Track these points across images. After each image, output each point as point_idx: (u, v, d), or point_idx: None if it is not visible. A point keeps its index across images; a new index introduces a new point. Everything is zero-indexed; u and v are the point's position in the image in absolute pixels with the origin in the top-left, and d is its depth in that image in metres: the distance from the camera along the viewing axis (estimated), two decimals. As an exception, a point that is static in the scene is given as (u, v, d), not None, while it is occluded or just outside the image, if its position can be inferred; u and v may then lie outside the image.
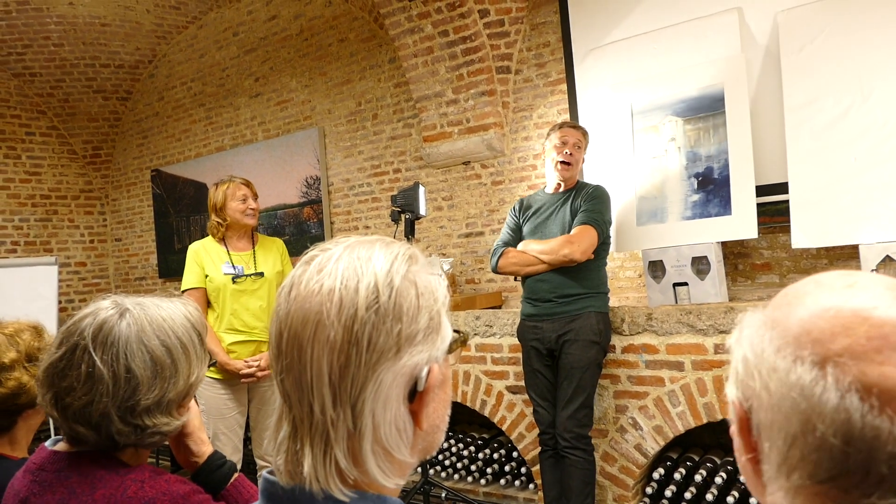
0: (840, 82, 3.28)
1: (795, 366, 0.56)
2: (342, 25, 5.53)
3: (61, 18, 6.23)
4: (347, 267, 0.74)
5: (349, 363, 0.70)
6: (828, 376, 0.54)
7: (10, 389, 1.51)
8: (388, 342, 0.71)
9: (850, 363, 0.53)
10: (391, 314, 0.72)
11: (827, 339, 0.55)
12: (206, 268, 3.29)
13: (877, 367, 0.53)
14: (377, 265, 0.74)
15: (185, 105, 6.88)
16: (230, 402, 3.28)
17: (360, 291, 0.71)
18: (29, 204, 7.15)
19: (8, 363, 1.52)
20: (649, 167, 3.81)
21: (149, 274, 7.37)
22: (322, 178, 5.68)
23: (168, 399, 1.20)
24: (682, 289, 3.51)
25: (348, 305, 0.71)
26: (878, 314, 0.55)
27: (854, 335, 0.55)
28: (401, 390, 0.73)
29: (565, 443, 3.07)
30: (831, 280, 0.62)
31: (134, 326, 1.18)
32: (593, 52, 4.20)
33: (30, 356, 1.57)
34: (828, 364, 0.54)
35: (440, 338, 0.76)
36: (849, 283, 0.60)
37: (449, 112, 4.67)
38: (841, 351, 0.54)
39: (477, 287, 4.87)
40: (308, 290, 0.73)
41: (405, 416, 0.74)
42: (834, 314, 0.57)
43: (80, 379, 1.14)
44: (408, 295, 0.73)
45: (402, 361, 0.72)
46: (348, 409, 0.71)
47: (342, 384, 0.70)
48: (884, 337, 0.54)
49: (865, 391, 0.52)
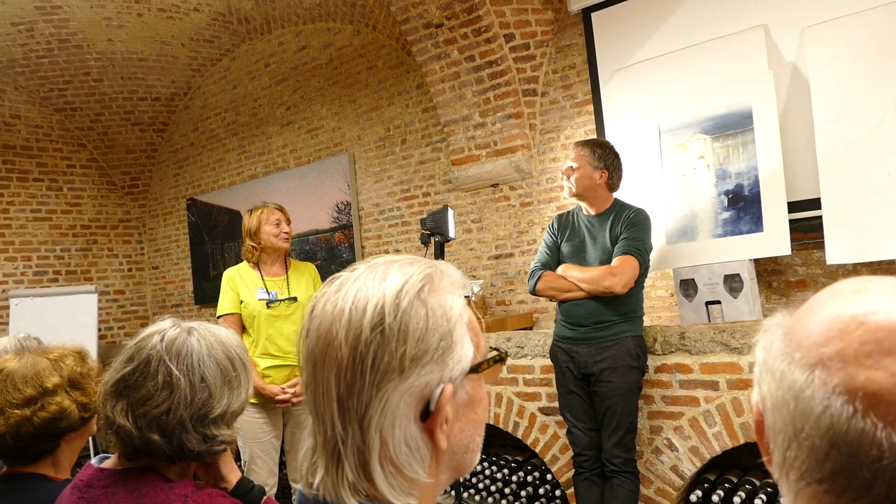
0: (870, 96, 3.25)
1: (791, 368, 0.57)
2: (370, 53, 5.63)
3: (101, 54, 6.45)
4: (361, 288, 0.76)
5: (355, 382, 0.72)
6: (815, 379, 0.55)
7: (52, 413, 1.54)
8: (392, 363, 0.72)
9: (838, 366, 0.54)
10: (396, 335, 0.73)
11: (822, 343, 0.56)
12: (240, 293, 3.35)
13: (864, 372, 0.53)
14: (388, 286, 0.75)
15: (218, 135, 7.04)
16: (266, 426, 3.32)
17: (367, 312, 0.73)
18: (70, 234, 7.36)
19: (51, 388, 1.56)
20: (678, 185, 3.80)
21: (185, 301, 7.50)
22: (353, 203, 5.76)
23: (232, 410, 1.29)
24: (714, 307, 3.47)
25: (355, 326, 0.73)
26: (875, 319, 0.55)
27: (847, 339, 0.55)
28: (410, 409, 0.73)
29: (614, 467, 3.05)
30: (844, 286, 0.62)
31: (203, 341, 1.27)
32: (619, 73, 4.22)
33: (72, 381, 1.60)
34: (817, 367, 0.55)
35: (454, 358, 0.76)
36: (858, 289, 0.60)
37: (476, 135, 4.71)
38: (832, 354, 0.55)
39: (508, 308, 4.87)
40: (325, 310, 0.76)
41: (417, 435, 0.74)
42: (833, 319, 0.58)
43: (157, 387, 1.21)
44: (416, 316, 0.74)
45: (409, 382, 0.73)
46: (356, 426, 0.73)
47: (349, 402, 0.73)
48: (877, 342, 0.54)
49: (851, 394, 0.53)
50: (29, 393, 1.54)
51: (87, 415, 1.61)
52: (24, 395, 1.53)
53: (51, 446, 1.60)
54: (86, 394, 1.61)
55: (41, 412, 1.53)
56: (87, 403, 1.60)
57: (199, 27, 6.28)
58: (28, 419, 1.52)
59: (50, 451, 1.61)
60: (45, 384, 1.56)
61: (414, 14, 4.53)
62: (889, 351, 0.53)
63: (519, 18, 4.46)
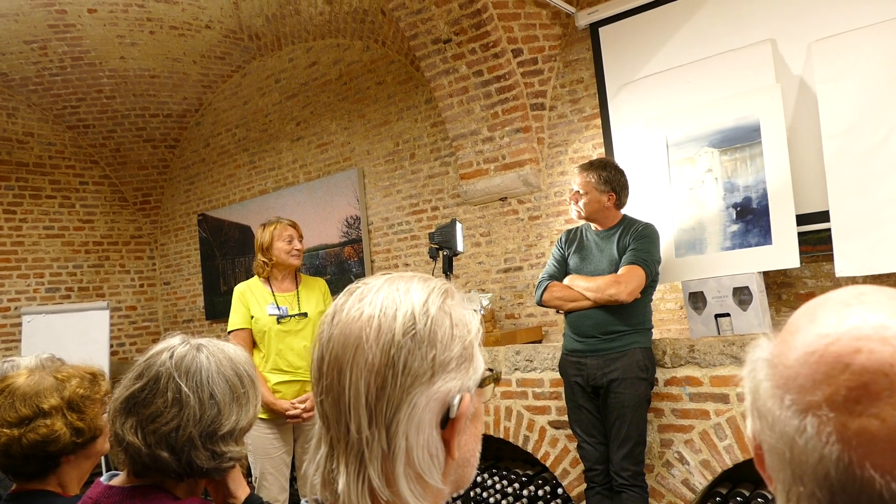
0: (878, 109, 3.26)
1: (782, 412, 0.56)
2: (379, 69, 5.68)
3: (113, 72, 6.53)
4: (387, 297, 0.79)
5: (385, 385, 0.74)
6: (808, 427, 0.53)
7: (41, 436, 1.50)
8: (423, 366, 0.75)
9: (830, 415, 0.52)
10: (426, 340, 0.76)
11: (809, 388, 0.54)
12: (251, 308, 3.37)
13: (855, 420, 0.51)
14: (415, 296, 0.79)
15: (229, 151, 7.10)
16: (276, 442, 3.33)
17: (398, 318, 0.76)
18: (82, 251, 7.42)
19: (47, 409, 1.52)
20: (686, 198, 3.80)
21: (196, 316, 7.54)
22: (362, 218, 5.79)
23: (241, 427, 1.29)
24: (724, 320, 3.47)
25: (386, 331, 0.76)
26: (859, 360, 0.53)
27: (834, 384, 0.53)
28: (433, 415, 0.76)
29: (623, 480, 3.04)
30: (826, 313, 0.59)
31: (212, 358, 1.28)
32: (626, 87, 4.24)
33: (72, 403, 1.56)
34: (809, 414, 0.53)
35: (472, 368, 0.79)
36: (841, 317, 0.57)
37: (485, 149, 4.74)
38: (821, 402, 0.53)
39: (517, 322, 4.87)
40: (349, 316, 0.78)
41: (437, 442, 0.77)
42: (817, 360, 0.55)
43: (167, 404, 1.22)
44: (442, 324, 0.78)
45: (436, 387, 0.76)
46: (383, 430, 0.74)
47: (378, 405, 0.74)
48: (864, 386, 0.52)
49: (845, 444, 0.51)
50: (24, 412, 1.51)
51: (81, 440, 1.56)
52: (18, 415, 1.51)
53: (45, 467, 1.56)
54: (83, 418, 1.56)
55: (30, 434, 1.50)
56: (83, 428, 1.55)
57: (211, 44, 6.35)
58: (17, 440, 1.49)
59: (51, 469, 1.58)
60: (42, 405, 1.52)
61: (422, 30, 4.58)
62: (877, 395, 0.51)
63: (527, 33, 4.50)
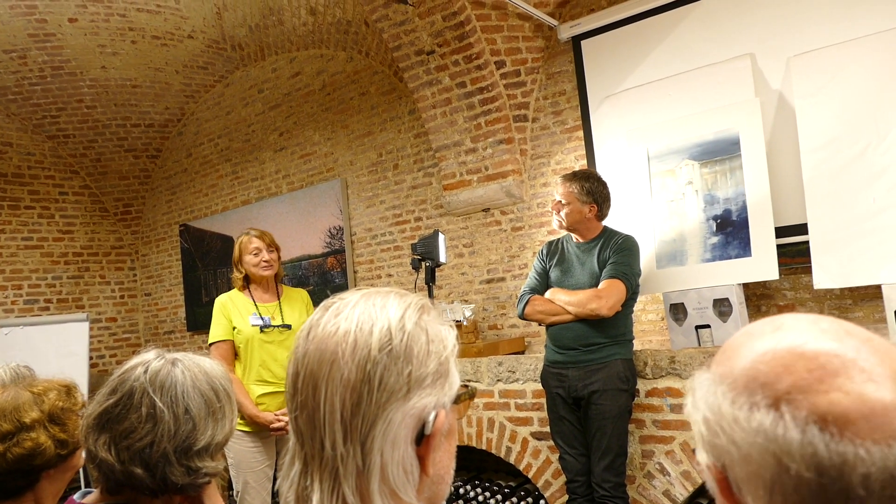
0: (855, 124, 3.31)
1: (753, 412, 0.58)
2: (363, 80, 5.69)
3: (94, 81, 6.48)
4: (363, 312, 0.79)
5: (361, 401, 0.74)
6: (784, 415, 0.56)
7: (26, 450, 1.50)
8: (399, 382, 0.75)
9: (800, 398, 0.56)
10: (402, 356, 0.76)
11: (773, 381, 0.58)
12: (233, 320, 3.35)
13: (824, 397, 0.55)
14: (391, 311, 0.79)
15: (212, 161, 7.07)
16: (259, 455, 3.30)
17: (373, 334, 0.76)
18: (62, 262, 7.33)
19: (28, 423, 1.51)
20: (667, 211, 3.84)
21: (177, 328, 7.47)
22: (345, 228, 5.78)
23: (217, 441, 1.27)
24: (704, 331, 3.50)
25: (362, 346, 0.76)
26: (810, 348, 0.59)
27: (795, 371, 0.58)
28: (409, 432, 0.76)
29: (604, 492, 3.04)
30: (760, 328, 0.65)
31: (188, 373, 1.27)
32: (608, 100, 4.27)
33: (53, 416, 1.55)
34: (781, 403, 0.57)
35: (448, 384, 0.80)
36: (776, 327, 0.63)
37: (468, 161, 4.76)
38: (789, 388, 0.57)
39: (500, 333, 4.88)
40: (325, 332, 0.78)
41: (412, 459, 0.77)
42: (772, 356, 0.60)
43: (141, 420, 1.20)
44: (418, 340, 0.78)
45: (412, 402, 0.75)
46: (358, 447, 0.74)
47: (353, 421, 0.74)
48: (821, 367, 0.57)
49: (822, 421, 0.55)
50: (5, 428, 1.50)
51: (65, 451, 1.56)
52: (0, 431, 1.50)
53: (27, 482, 1.55)
54: (66, 430, 1.56)
55: (15, 448, 1.49)
56: (66, 440, 1.55)
57: (193, 54, 6.33)
58: (2, 455, 1.48)
59: (30, 486, 1.56)
60: (24, 419, 1.51)
61: (406, 41, 4.59)
62: (835, 373, 0.56)
63: (510, 46, 4.53)
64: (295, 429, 0.79)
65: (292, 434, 0.80)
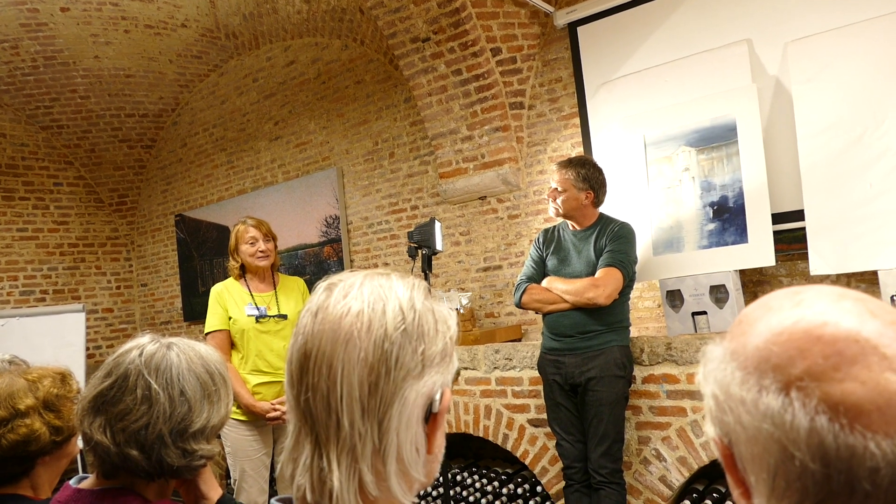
0: (852, 109, 3.30)
1: (762, 395, 0.56)
2: (358, 68, 5.66)
3: (87, 71, 6.44)
4: (372, 292, 0.79)
5: (379, 380, 0.75)
6: (794, 402, 0.54)
7: (21, 436, 1.51)
8: (414, 360, 0.76)
9: (812, 385, 0.54)
10: (415, 334, 0.77)
11: (786, 364, 0.56)
12: (229, 309, 3.34)
13: (838, 385, 0.53)
14: (399, 291, 0.80)
15: (207, 150, 7.04)
16: (256, 444, 3.30)
17: (387, 313, 0.77)
18: (57, 253, 7.31)
19: (23, 409, 1.52)
20: (664, 197, 3.83)
21: (174, 318, 7.47)
22: (341, 217, 5.76)
23: (212, 424, 1.27)
24: (701, 318, 3.50)
25: (377, 326, 0.76)
26: (828, 331, 0.55)
27: (810, 356, 0.55)
28: (420, 410, 0.77)
29: (601, 478, 3.05)
30: (779, 301, 0.62)
31: (183, 356, 1.27)
32: (605, 86, 4.26)
33: (47, 403, 1.56)
34: (791, 389, 0.54)
35: (452, 364, 0.81)
36: (796, 302, 0.60)
37: (464, 148, 4.74)
38: (801, 374, 0.54)
39: (496, 321, 4.88)
40: (336, 312, 0.78)
41: (422, 437, 0.78)
42: (787, 338, 0.57)
43: (136, 402, 1.20)
44: (428, 319, 0.79)
45: (424, 380, 0.77)
46: (375, 425, 0.75)
47: (371, 401, 0.75)
48: (839, 353, 0.54)
49: (833, 411, 0.52)
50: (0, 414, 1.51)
51: (60, 438, 1.57)
52: None
53: (23, 469, 1.56)
54: (60, 416, 1.56)
55: (10, 434, 1.50)
56: (61, 426, 1.56)
57: (187, 43, 6.29)
58: None
59: (25, 472, 1.57)
60: (18, 406, 1.52)
61: (401, 28, 4.57)
62: (853, 360, 0.53)
63: (505, 32, 4.50)
64: (303, 411, 0.78)
65: (298, 417, 0.79)
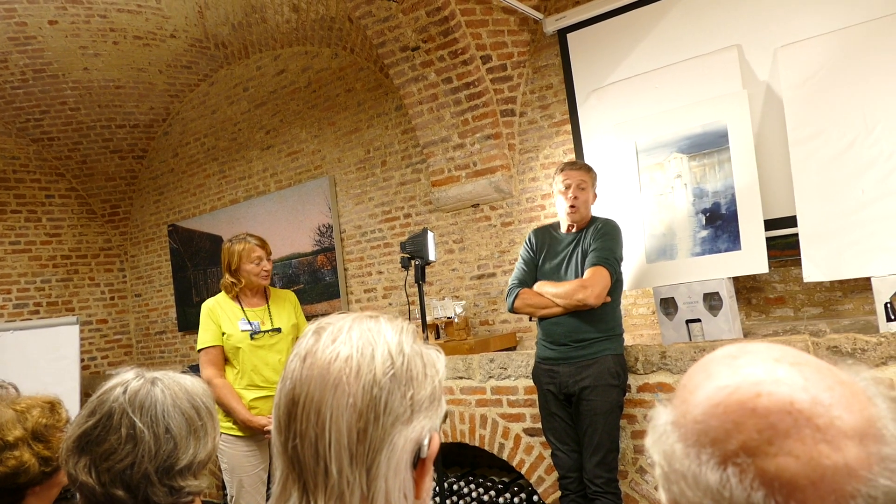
0: (843, 115, 3.30)
1: (701, 470, 0.56)
2: (349, 76, 5.65)
3: (77, 83, 6.42)
4: (360, 336, 0.78)
5: (367, 426, 0.74)
6: (731, 477, 0.54)
7: (11, 469, 1.49)
8: (403, 406, 0.75)
9: (747, 461, 0.54)
10: (404, 379, 0.76)
11: (722, 439, 0.55)
12: (222, 325, 3.31)
13: (772, 460, 0.53)
14: (387, 335, 0.79)
15: (198, 160, 7.02)
16: (253, 459, 3.28)
17: (376, 358, 0.76)
18: (50, 265, 7.28)
19: (12, 441, 1.51)
20: (656, 204, 3.82)
21: (168, 328, 7.44)
22: (334, 226, 5.75)
23: (199, 460, 1.25)
24: (695, 325, 3.49)
25: (366, 371, 0.75)
26: (762, 403, 0.55)
27: (745, 431, 0.55)
28: (409, 456, 0.76)
29: (596, 488, 3.04)
30: (717, 367, 0.61)
31: (168, 391, 1.25)
32: (595, 93, 4.25)
33: (36, 434, 1.55)
34: (728, 465, 0.54)
35: (440, 408, 0.80)
36: (733, 369, 0.59)
37: (456, 156, 4.73)
38: (737, 449, 0.54)
39: (491, 328, 4.87)
40: (325, 357, 0.77)
41: (410, 483, 0.77)
42: (723, 410, 0.57)
43: (121, 441, 1.18)
44: (416, 364, 0.78)
45: (413, 425, 0.76)
46: (364, 472, 0.74)
47: (359, 447, 0.74)
48: (772, 427, 0.54)
49: (768, 487, 0.52)
50: None
51: (49, 469, 1.55)
52: None
53: (14, 499, 1.55)
54: (49, 447, 1.55)
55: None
56: (50, 457, 1.55)
57: (177, 53, 6.27)
58: None
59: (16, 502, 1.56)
60: (7, 437, 1.51)
61: (390, 37, 4.55)
62: (786, 433, 0.53)
63: (495, 40, 4.49)
64: (290, 457, 0.77)
65: (285, 464, 0.78)
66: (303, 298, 3.59)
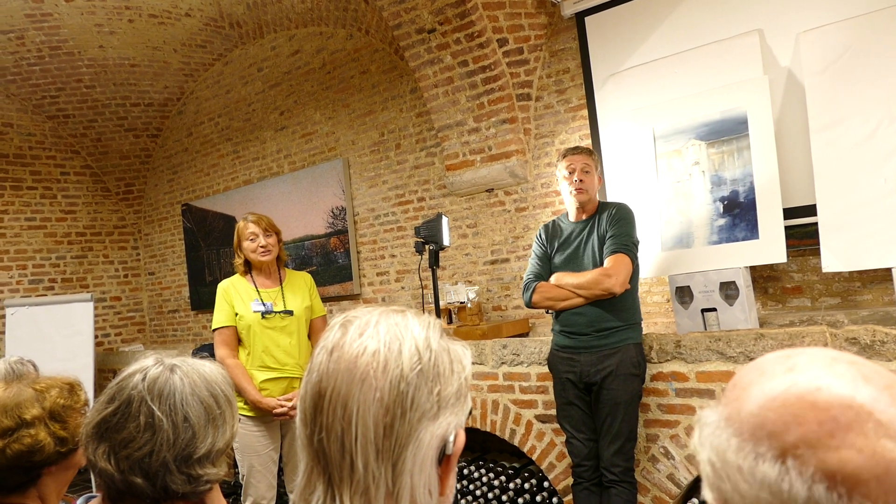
0: (866, 102, 3.24)
1: (758, 463, 0.55)
2: (363, 58, 5.61)
3: (92, 61, 6.41)
4: (388, 331, 0.78)
5: (394, 421, 0.74)
6: (790, 470, 0.53)
7: (26, 446, 1.51)
8: (430, 402, 0.75)
9: (808, 453, 0.53)
10: (431, 375, 0.76)
11: (781, 432, 0.55)
12: (235, 305, 3.33)
13: (834, 454, 0.52)
14: (415, 330, 0.78)
15: (212, 140, 7.01)
16: (263, 439, 3.31)
17: (403, 353, 0.76)
18: (65, 242, 7.33)
19: (29, 419, 1.53)
20: (673, 191, 3.78)
21: (181, 306, 7.48)
22: (348, 209, 5.74)
23: (217, 448, 1.26)
24: (710, 315, 3.46)
25: (393, 366, 0.75)
26: (823, 396, 0.55)
27: (805, 423, 0.54)
28: (434, 452, 0.76)
29: (613, 476, 3.03)
30: (771, 366, 0.61)
31: (186, 379, 1.25)
32: (613, 78, 4.20)
33: (54, 413, 1.57)
34: (788, 457, 0.54)
35: (466, 405, 0.80)
36: (788, 367, 0.60)
37: (471, 140, 4.70)
38: (797, 442, 0.54)
39: (504, 314, 4.86)
40: (352, 351, 0.77)
41: (435, 479, 0.77)
42: (781, 403, 0.57)
43: (139, 429, 1.18)
44: (443, 360, 0.78)
45: (439, 422, 0.76)
46: (389, 468, 0.74)
47: (385, 442, 0.74)
48: (833, 420, 0.54)
49: (830, 480, 0.52)
50: (6, 424, 1.51)
51: (65, 449, 1.57)
52: (1, 426, 1.51)
53: (30, 478, 1.57)
54: (66, 427, 1.57)
55: (14, 444, 1.50)
56: (66, 437, 1.57)
57: (191, 32, 6.24)
58: (1, 451, 1.50)
59: (31, 482, 1.58)
60: (24, 415, 1.53)
61: (406, 19, 4.51)
62: (848, 426, 0.53)
63: (512, 23, 4.44)
64: (315, 450, 0.77)
65: (310, 457, 0.78)
66: (315, 280, 3.59)
